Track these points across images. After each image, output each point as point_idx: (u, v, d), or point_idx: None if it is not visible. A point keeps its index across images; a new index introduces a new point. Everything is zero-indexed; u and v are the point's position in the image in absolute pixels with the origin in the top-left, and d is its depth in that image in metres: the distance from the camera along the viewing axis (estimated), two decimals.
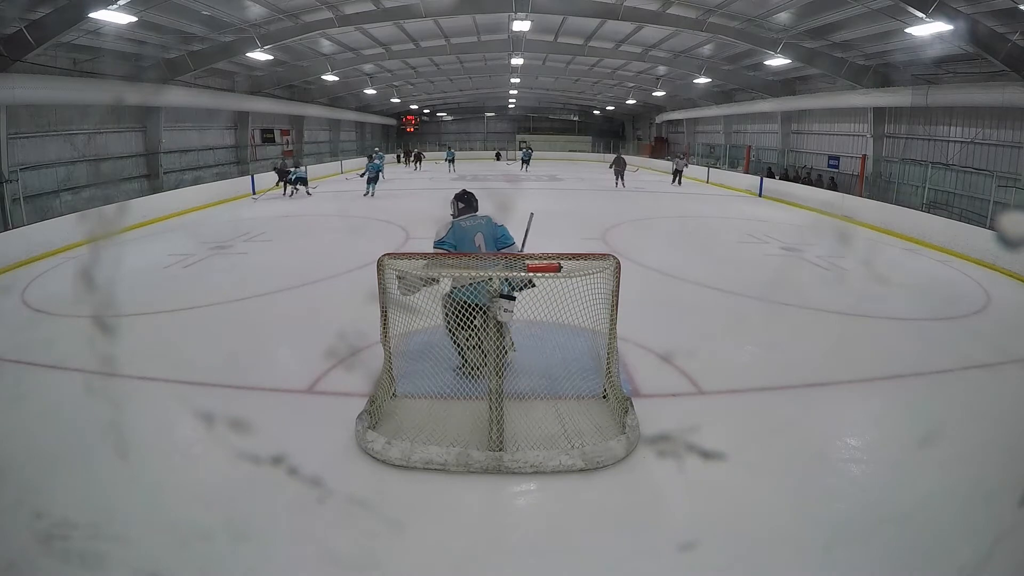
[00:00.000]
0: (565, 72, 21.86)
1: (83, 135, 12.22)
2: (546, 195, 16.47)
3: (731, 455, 3.19)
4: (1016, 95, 9.84)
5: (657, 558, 2.54)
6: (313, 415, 3.80)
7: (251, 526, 2.65)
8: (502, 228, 3.97)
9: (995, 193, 10.65)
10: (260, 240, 9.81)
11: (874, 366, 4.61)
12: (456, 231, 3.86)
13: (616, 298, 3.52)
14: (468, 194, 4.05)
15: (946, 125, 12.70)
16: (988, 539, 2.00)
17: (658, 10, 12.56)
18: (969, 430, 3.67)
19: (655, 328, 5.25)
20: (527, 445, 3.22)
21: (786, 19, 11.98)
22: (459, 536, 2.70)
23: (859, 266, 8.54)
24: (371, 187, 15.41)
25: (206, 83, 15.25)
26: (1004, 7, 8.59)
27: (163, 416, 3.78)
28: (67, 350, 4.60)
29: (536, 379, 4.00)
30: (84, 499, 2.86)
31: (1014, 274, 7.89)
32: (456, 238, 3.82)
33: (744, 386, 4.22)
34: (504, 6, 12.25)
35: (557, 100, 32.53)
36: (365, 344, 4.87)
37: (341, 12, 12.52)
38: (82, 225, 8.92)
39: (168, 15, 10.76)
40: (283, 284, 6.79)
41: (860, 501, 2.95)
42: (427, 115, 35.61)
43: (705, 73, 17.70)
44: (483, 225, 3.92)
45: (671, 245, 9.51)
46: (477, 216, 3.97)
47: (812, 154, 17.95)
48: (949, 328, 5.82)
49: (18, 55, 9.05)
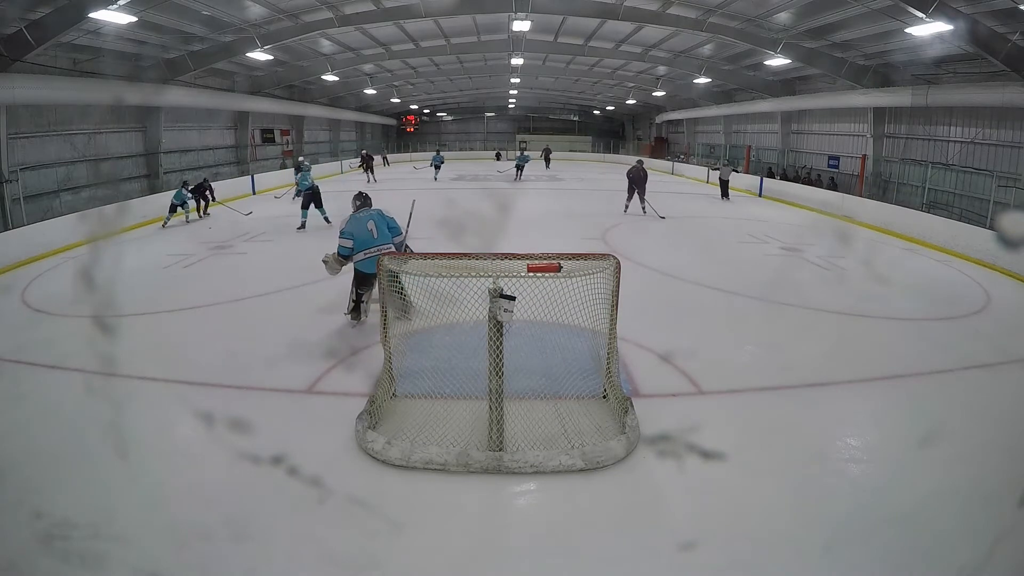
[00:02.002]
0: (565, 72, 21.86)
1: (83, 135, 12.22)
2: (546, 195, 16.46)
3: (731, 455, 3.18)
4: (1016, 95, 9.84)
5: (657, 558, 2.54)
6: (313, 415, 3.80)
7: (251, 526, 2.65)
8: (392, 219, 5.21)
9: (995, 193, 10.65)
10: (260, 240, 9.81)
11: (874, 366, 4.62)
12: (352, 221, 5.07)
13: (616, 298, 3.52)
14: (364, 195, 5.38)
15: (946, 125, 12.69)
16: (988, 539, 1.99)
17: (658, 10, 12.56)
18: (969, 430, 3.67)
19: (655, 328, 5.25)
20: (527, 445, 3.23)
21: (786, 19, 11.98)
22: (459, 536, 2.70)
23: (859, 266, 8.53)
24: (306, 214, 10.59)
25: (206, 83, 15.24)
26: (1004, 7, 8.58)
27: (163, 416, 3.78)
28: (67, 350, 4.60)
29: (536, 379, 4.01)
30: (84, 499, 2.86)
31: (1014, 274, 7.89)
32: (353, 227, 5.02)
33: (744, 386, 4.22)
34: (504, 6, 12.26)
35: (557, 100, 32.53)
36: (365, 344, 4.88)
37: (341, 12, 12.52)
38: (82, 225, 8.92)
39: (168, 15, 10.76)
40: (283, 284, 6.80)
41: (860, 501, 2.95)
42: (427, 115, 35.60)
43: (705, 73, 17.69)
44: (375, 216, 5.13)
45: (671, 245, 9.51)
46: (370, 210, 5.22)
47: (812, 154, 17.94)
48: (949, 328, 5.81)
49: (18, 55, 9.06)
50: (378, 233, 5.07)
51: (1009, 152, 11.10)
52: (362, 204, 5.28)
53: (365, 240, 5.00)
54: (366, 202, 5.31)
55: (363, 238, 5.00)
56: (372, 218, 5.10)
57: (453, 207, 12.93)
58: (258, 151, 20.06)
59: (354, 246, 4.98)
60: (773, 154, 19.60)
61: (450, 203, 13.37)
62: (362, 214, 5.15)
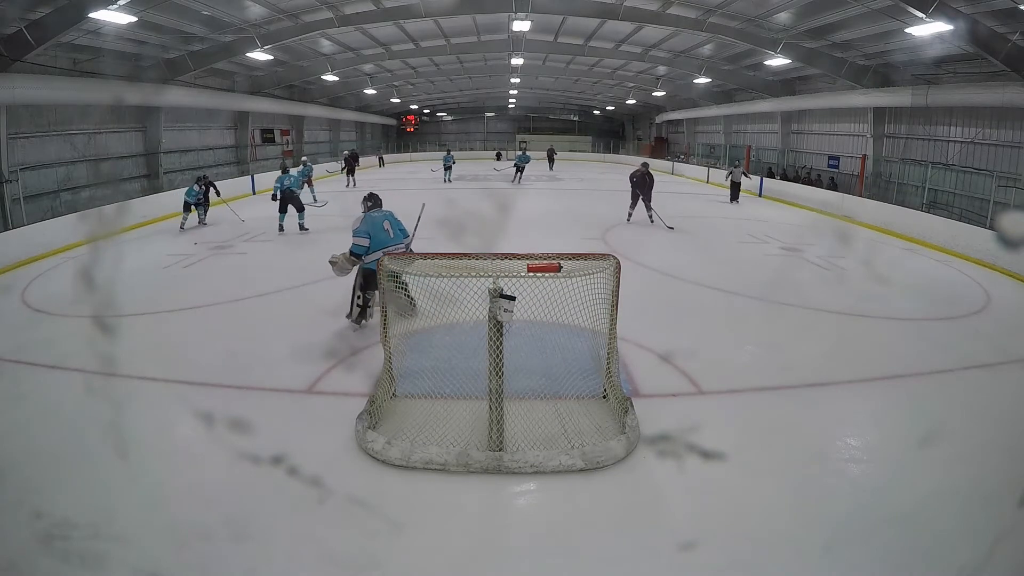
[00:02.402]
0: (565, 72, 21.86)
1: (83, 135, 12.22)
2: (546, 195, 16.46)
3: (731, 455, 3.18)
4: (1016, 95, 9.84)
5: (657, 558, 2.55)
6: (313, 415, 3.80)
7: (251, 526, 2.65)
8: (400, 222, 5.31)
9: (995, 193, 10.66)
10: (260, 240, 9.81)
11: (874, 366, 4.62)
12: (368, 221, 5.05)
13: (616, 298, 3.52)
14: (375, 194, 5.38)
15: (946, 125, 12.69)
16: (988, 539, 1.99)
17: (658, 10, 12.56)
18: (969, 430, 3.67)
19: (655, 328, 5.25)
20: (527, 445, 3.23)
21: (786, 19, 11.98)
22: (459, 536, 2.70)
23: (859, 266, 8.54)
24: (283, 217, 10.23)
25: (206, 83, 15.24)
26: (1004, 7, 8.58)
27: (163, 416, 3.78)
28: (67, 350, 4.60)
29: (536, 379, 4.01)
30: (84, 499, 2.86)
31: (1014, 274, 7.89)
32: (369, 226, 5.00)
33: (744, 386, 4.22)
34: (504, 6, 12.26)
35: (557, 100, 32.52)
36: (365, 344, 4.88)
37: (341, 12, 12.52)
38: (82, 225, 8.92)
39: (168, 15, 10.76)
40: (283, 284, 6.80)
41: (860, 501, 2.95)
42: (427, 115, 35.61)
43: (705, 73, 17.69)
44: (388, 216, 5.21)
45: (671, 245, 9.50)
46: (383, 210, 5.28)
47: (812, 154, 17.94)
48: (949, 328, 5.81)
49: (18, 55, 9.06)
50: (393, 233, 5.13)
51: (1009, 152, 11.10)
52: (374, 204, 5.27)
53: (382, 240, 5.00)
54: (378, 202, 5.32)
55: (380, 238, 5.01)
56: (387, 218, 5.17)
57: (453, 207, 12.92)
58: (258, 151, 20.06)
59: (370, 245, 4.94)
60: (773, 154, 19.60)
61: (450, 203, 13.37)
62: (376, 214, 5.16)
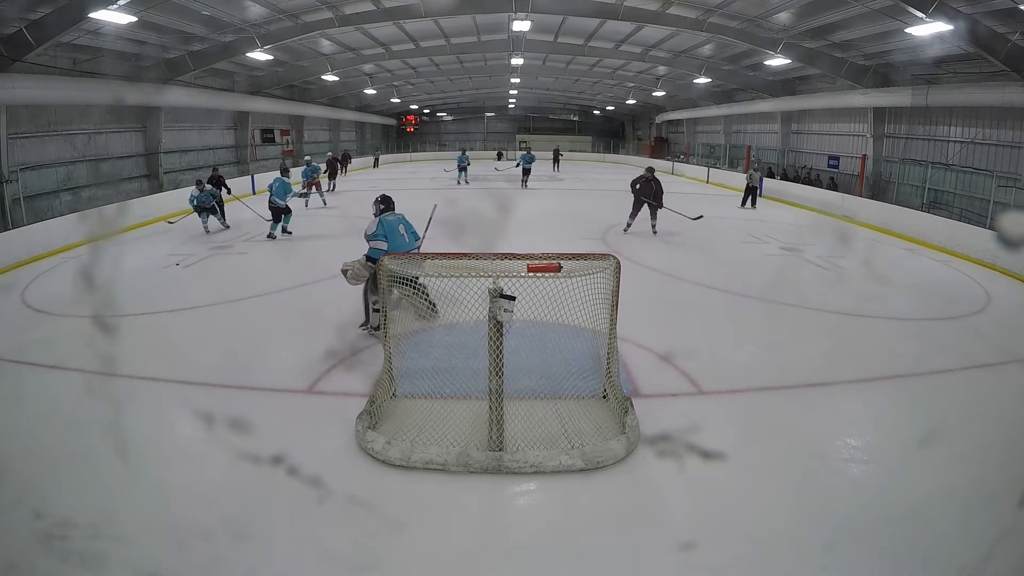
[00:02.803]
0: (565, 72, 21.85)
1: (83, 135, 12.21)
2: (546, 195, 16.46)
3: (731, 455, 3.19)
4: (1016, 95, 9.84)
5: (657, 558, 2.55)
6: (313, 415, 3.80)
7: (251, 526, 2.65)
8: (412, 225, 5.27)
9: (995, 193, 10.66)
10: (260, 240, 9.81)
11: (874, 366, 4.61)
12: (384, 224, 4.98)
13: (616, 298, 3.52)
14: (388, 196, 5.25)
15: (946, 125, 12.69)
16: (988, 539, 1.99)
17: (658, 10, 12.56)
18: (969, 430, 3.67)
19: (655, 328, 5.25)
20: (527, 445, 3.22)
21: (786, 19, 11.98)
22: (459, 536, 2.70)
23: (859, 266, 8.54)
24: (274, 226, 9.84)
25: (206, 83, 15.24)
26: (1004, 7, 8.58)
27: (163, 416, 3.79)
28: (67, 350, 4.60)
29: (536, 379, 4.00)
30: (84, 499, 2.86)
31: (1014, 274, 7.89)
32: (386, 229, 4.95)
33: (744, 386, 4.22)
34: (504, 6, 12.25)
35: (557, 100, 32.52)
36: (365, 344, 4.88)
37: (341, 12, 12.52)
38: (82, 225, 8.92)
39: (168, 15, 10.76)
40: (283, 284, 6.79)
41: (860, 501, 2.95)
42: (427, 115, 35.61)
43: (705, 73, 17.69)
44: (401, 219, 5.17)
45: (671, 245, 9.50)
46: (395, 213, 5.21)
47: (812, 154, 17.94)
48: (949, 328, 5.81)
49: (18, 55, 9.06)
50: (408, 236, 5.08)
51: (1009, 152, 11.10)
52: (387, 207, 5.17)
53: (399, 244, 4.93)
54: (390, 205, 5.22)
55: (397, 241, 4.94)
56: (401, 221, 5.11)
57: (453, 207, 12.92)
58: (258, 151, 20.05)
59: (388, 249, 4.79)
60: (773, 154, 19.60)
61: (450, 203, 13.37)
62: (391, 217, 5.09)
